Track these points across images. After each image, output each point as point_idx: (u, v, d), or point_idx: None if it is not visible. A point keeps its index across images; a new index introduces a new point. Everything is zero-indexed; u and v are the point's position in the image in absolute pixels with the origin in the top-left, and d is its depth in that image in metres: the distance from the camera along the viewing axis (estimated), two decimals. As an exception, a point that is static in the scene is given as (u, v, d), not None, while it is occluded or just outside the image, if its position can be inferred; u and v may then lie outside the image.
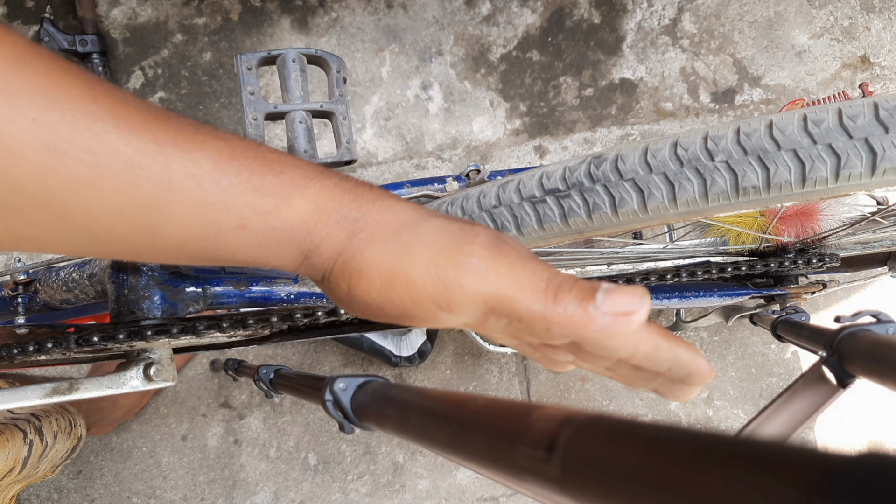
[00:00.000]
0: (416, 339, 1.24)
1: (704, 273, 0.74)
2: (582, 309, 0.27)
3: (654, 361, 0.31)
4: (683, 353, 0.30)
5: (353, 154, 0.62)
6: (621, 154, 0.42)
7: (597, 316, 0.27)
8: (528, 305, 0.27)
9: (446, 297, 0.28)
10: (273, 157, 0.29)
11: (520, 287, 0.27)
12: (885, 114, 0.34)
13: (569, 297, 0.27)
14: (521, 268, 0.28)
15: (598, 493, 0.19)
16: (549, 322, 0.27)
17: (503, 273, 0.27)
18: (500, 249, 0.28)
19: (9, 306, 0.71)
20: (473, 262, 0.27)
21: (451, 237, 0.28)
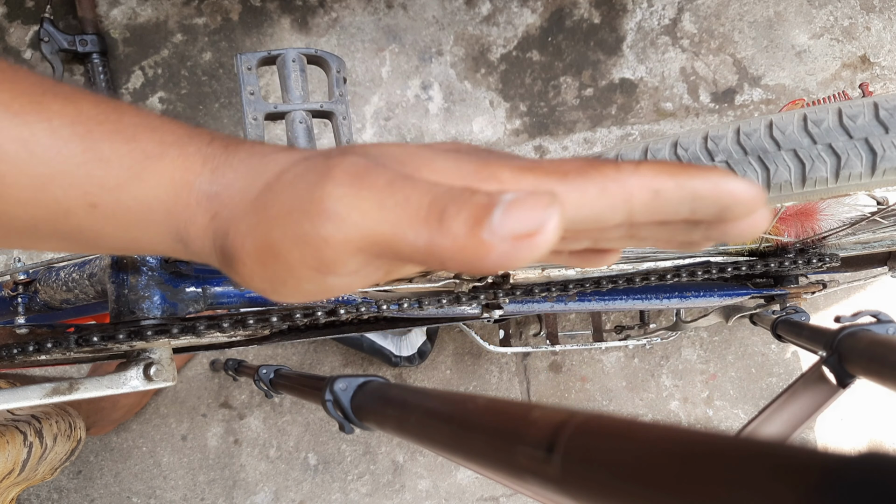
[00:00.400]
0: (416, 339, 1.24)
1: (704, 273, 0.74)
2: (474, 235, 0.20)
3: (663, 210, 0.22)
4: (701, 184, 0.22)
5: (353, 154, 0.62)
6: (621, 154, 0.42)
7: (494, 244, 0.20)
8: (409, 240, 0.21)
9: (316, 257, 0.22)
10: (132, 119, 0.24)
11: (392, 220, 0.21)
12: (885, 114, 0.34)
13: (457, 221, 0.20)
14: (391, 195, 0.21)
15: (598, 493, 0.19)
16: (439, 256, 0.21)
17: (368, 208, 0.21)
18: (361, 178, 0.22)
19: (9, 306, 0.71)
20: (329, 205, 0.22)
21: (304, 184, 0.23)
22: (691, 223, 0.24)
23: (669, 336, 1.18)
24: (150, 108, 1.34)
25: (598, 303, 0.80)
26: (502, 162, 0.23)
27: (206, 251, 0.25)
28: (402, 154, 0.24)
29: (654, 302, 0.83)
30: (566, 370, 1.32)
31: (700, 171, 0.22)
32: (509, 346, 1.18)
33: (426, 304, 0.65)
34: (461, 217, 0.20)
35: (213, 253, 0.25)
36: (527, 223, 0.19)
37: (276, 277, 0.24)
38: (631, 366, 1.33)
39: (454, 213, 0.20)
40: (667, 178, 0.22)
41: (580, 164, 0.22)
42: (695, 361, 1.32)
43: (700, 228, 0.24)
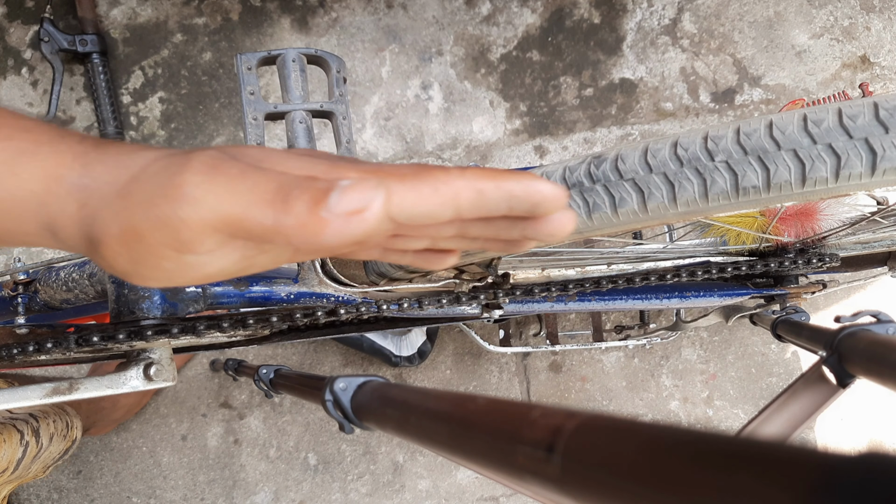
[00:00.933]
0: (416, 338, 1.24)
1: (704, 273, 0.74)
2: (314, 214, 0.23)
3: (486, 207, 0.27)
4: (515, 185, 0.26)
5: (353, 154, 0.62)
6: (621, 154, 0.42)
7: (330, 219, 0.23)
8: (257, 220, 0.24)
9: (174, 237, 0.25)
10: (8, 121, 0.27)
11: (243, 202, 0.24)
12: (885, 114, 0.34)
13: (300, 202, 0.24)
14: (242, 182, 0.25)
15: (598, 492, 0.19)
16: (285, 234, 0.24)
17: (222, 192, 0.25)
18: (217, 168, 0.25)
19: (9, 306, 0.71)
20: (187, 190, 0.25)
21: (165, 173, 0.26)
22: (510, 221, 0.28)
23: (669, 336, 1.18)
24: (150, 107, 1.34)
25: (598, 303, 0.80)
26: (349, 164, 0.27)
27: (74, 239, 0.28)
28: (259, 153, 0.27)
29: (654, 302, 0.83)
30: (566, 370, 1.32)
31: (515, 174, 0.27)
32: (509, 346, 1.18)
33: (426, 304, 0.65)
34: (303, 199, 0.24)
35: (80, 240, 0.28)
36: (357, 202, 0.23)
37: (137, 258, 0.26)
38: (631, 366, 1.33)
39: (297, 196, 0.24)
40: (487, 180, 0.26)
41: (416, 168, 0.26)
42: (695, 361, 1.32)
43: (518, 226, 0.29)
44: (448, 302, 0.66)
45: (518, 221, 0.28)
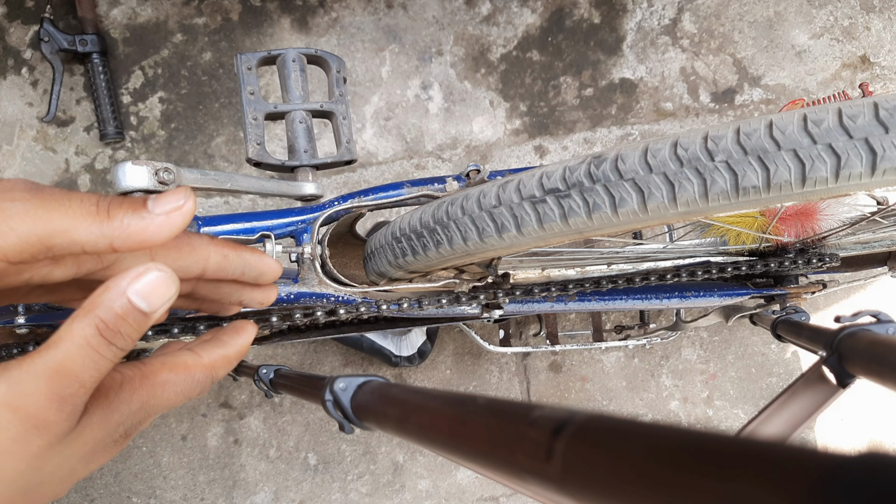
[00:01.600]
0: (416, 338, 1.24)
1: (704, 273, 0.74)
2: (138, 216, 0.28)
3: (227, 270, 0.34)
4: (250, 256, 0.35)
5: (353, 154, 0.62)
6: (621, 154, 0.42)
7: (153, 218, 0.29)
8: (87, 229, 0.28)
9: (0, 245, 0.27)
10: None
11: (72, 215, 0.28)
12: (885, 114, 0.34)
13: (122, 211, 0.28)
14: (69, 199, 0.28)
15: (598, 492, 0.19)
16: (111, 238, 0.28)
17: (52, 207, 0.28)
18: (42, 190, 0.28)
19: (9, 306, 0.71)
20: (18, 204, 0.27)
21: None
22: (235, 284, 0.37)
23: (669, 336, 1.18)
24: (150, 107, 1.34)
25: (598, 303, 0.80)
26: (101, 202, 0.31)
27: None
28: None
29: (654, 302, 0.83)
30: (566, 370, 1.32)
31: (249, 248, 0.36)
32: (509, 346, 1.18)
33: (426, 304, 0.65)
34: (123, 208, 0.29)
35: None
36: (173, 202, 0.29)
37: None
38: (631, 366, 1.33)
39: (117, 206, 0.29)
40: (231, 249, 0.35)
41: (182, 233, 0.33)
42: (695, 361, 1.32)
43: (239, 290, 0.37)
44: (448, 302, 0.66)
45: (239, 287, 0.37)
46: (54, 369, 0.26)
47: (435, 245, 0.52)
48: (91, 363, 0.27)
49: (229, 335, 0.36)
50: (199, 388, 0.34)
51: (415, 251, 0.54)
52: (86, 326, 0.27)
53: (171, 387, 0.32)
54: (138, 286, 0.28)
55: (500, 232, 0.47)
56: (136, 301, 0.28)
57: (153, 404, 0.31)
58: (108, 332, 0.27)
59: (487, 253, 0.51)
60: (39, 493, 0.29)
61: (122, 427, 0.30)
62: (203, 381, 0.34)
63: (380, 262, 0.60)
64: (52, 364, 0.26)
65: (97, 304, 0.28)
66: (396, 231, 0.56)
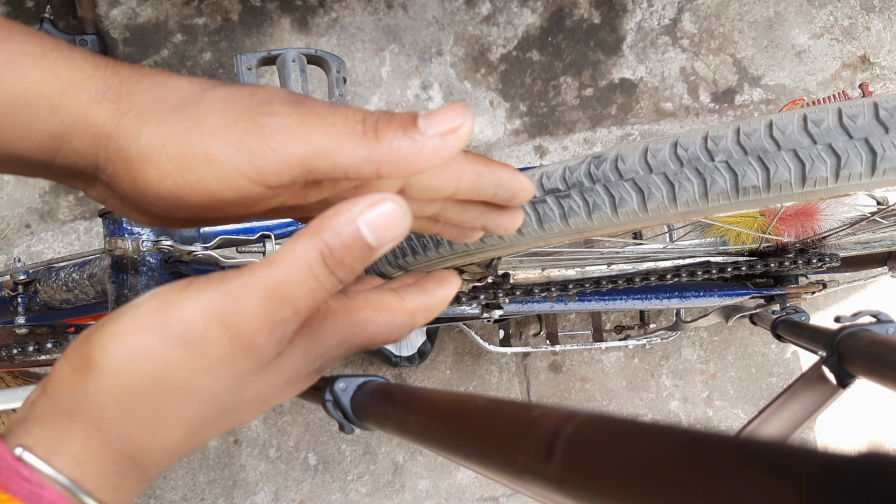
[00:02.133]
0: (416, 339, 1.24)
1: (704, 273, 0.74)
2: (409, 139, 0.24)
3: (479, 190, 0.30)
4: (504, 173, 0.30)
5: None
6: (621, 154, 0.42)
7: (425, 141, 0.24)
8: (352, 152, 0.24)
9: (258, 166, 0.24)
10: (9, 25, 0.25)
11: (337, 135, 0.24)
12: (885, 114, 0.34)
13: (391, 132, 0.24)
14: (332, 115, 0.25)
15: (598, 493, 0.19)
16: (379, 163, 0.24)
17: (314, 125, 0.24)
18: (303, 103, 0.25)
19: (9, 306, 0.71)
20: (278, 119, 0.24)
21: (246, 101, 0.25)
22: (483, 207, 0.32)
23: (669, 336, 1.18)
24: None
25: (598, 303, 0.80)
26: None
27: (89, 153, 0.25)
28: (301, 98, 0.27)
29: (654, 302, 0.83)
30: (566, 370, 1.32)
31: (503, 165, 0.30)
32: (509, 346, 1.18)
33: (426, 304, 0.65)
34: (392, 127, 0.24)
35: (102, 154, 0.25)
36: (450, 122, 0.25)
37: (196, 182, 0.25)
38: (631, 366, 1.33)
39: (385, 125, 0.25)
40: (485, 166, 0.29)
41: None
42: (695, 361, 1.32)
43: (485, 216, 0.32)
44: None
45: (487, 210, 0.32)
46: (273, 289, 0.24)
47: (434, 245, 0.52)
48: (309, 290, 0.25)
49: (434, 283, 0.32)
50: (398, 333, 0.31)
51: (415, 251, 0.54)
52: (310, 249, 0.24)
53: (373, 327, 0.30)
54: (371, 216, 0.25)
55: (500, 232, 0.47)
56: (366, 232, 0.25)
57: (352, 342, 0.29)
58: (331, 259, 0.25)
59: (487, 253, 0.51)
60: (232, 417, 0.28)
61: (319, 361, 0.29)
62: (403, 327, 0.31)
63: (379, 261, 0.60)
64: (272, 283, 0.24)
65: (325, 226, 0.24)
66: (396, 231, 0.56)
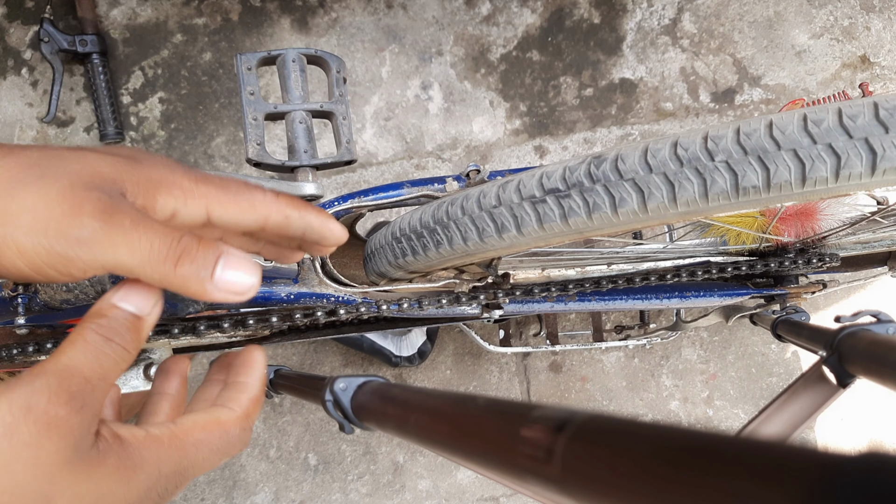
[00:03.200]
0: (416, 339, 1.24)
1: (704, 273, 0.74)
2: (200, 284, 0.28)
3: (287, 230, 0.33)
4: (314, 219, 0.34)
5: (353, 154, 0.62)
6: (621, 154, 0.42)
7: (213, 291, 0.29)
8: (147, 274, 0.28)
9: (64, 265, 0.28)
10: None
11: (138, 257, 0.28)
12: (885, 114, 0.34)
13: (187, 269, 0.28)
14: (137, 239, 0.28)
15: (598, 492, 0.19)
16: (171, 286, 0.29)
17: (119, 243, 0.27)
18: (112, 216, 0.28)
19: (9, 306, 0.71)
20: (85, 234, 0.27)
21: (58, 205, 0.27)
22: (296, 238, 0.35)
23: (669, 336, 1.18)
24: (150, 108, 1.34)
25: (598, 303, 0.80)
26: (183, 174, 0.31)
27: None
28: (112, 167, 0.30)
29: (654, 302, 0.83)
30: (566, 370, 1.32)
31: (315, 210, 0.34)
32: (509, 346, 1.18)
33: (426, 304, 0.65)
34: (191, 267, 0.28)
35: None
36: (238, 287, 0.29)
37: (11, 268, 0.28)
38: (631, 366, 1.33)
39: (187, 262, 0.28)
40: (294, 209, 0.33)
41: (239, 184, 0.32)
42: (695, 361, 1.32)
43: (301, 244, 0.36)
44: (448, 302, 0.66)
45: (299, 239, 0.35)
46: (61, 368, 0.27)
47: (435, 245, 0.52)
48: (93, 359, 0.28)
49: (245, 374, 0.35)
50: (238, 444, 0.33)
51: (415, 251, 0.54)
52: (84, 330, 0.29)
53: (206, 447, 0.31)
54: (124, 295, 0.30)
55: (500, 232, 0.47)
56: (126, 306, 0.30)
57: (187, 467, 0.30)
58: (103, 330, 0.29)
59: (487, 253, 0.51)
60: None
61: (156, 491, 0.29)
62: (241, 436, 0.33)
63: (380, 262, 0.60)
64: (60, 364, 0.28)
65: (92, 312, 0.30)
66: (396, 231, 0.56)
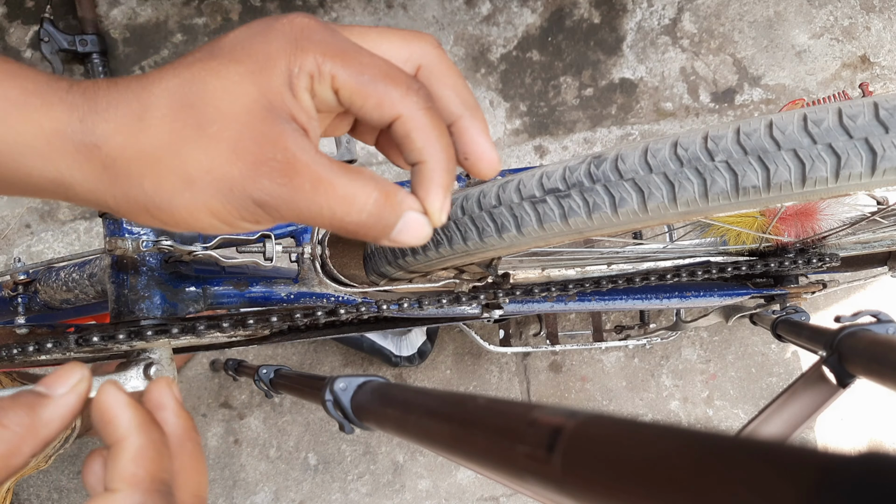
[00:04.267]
0: (416, 339, 1.24)
1: (704, 273, 0.74)
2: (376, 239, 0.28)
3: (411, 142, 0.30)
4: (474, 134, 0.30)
5: (353, 154, 0.62)
6: (621, 154, 0.42)
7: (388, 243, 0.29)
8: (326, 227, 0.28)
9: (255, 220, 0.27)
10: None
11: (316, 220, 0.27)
12: (885, 114, 0.34)
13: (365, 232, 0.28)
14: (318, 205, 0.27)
15: (598, 492, 0.19)
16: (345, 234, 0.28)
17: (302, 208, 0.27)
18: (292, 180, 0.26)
19: (9, 306, 0.71)
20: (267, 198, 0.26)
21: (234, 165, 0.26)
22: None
23: (669, 336, 1.18)
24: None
25: (598, 303, 0.80)
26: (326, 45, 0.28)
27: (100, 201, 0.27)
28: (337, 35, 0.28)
29: (654, 302, 0.83)
30: (566, 370, 1.32)
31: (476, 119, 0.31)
32: (509, 346, 1.18)
33: (426, 304, 0.65)
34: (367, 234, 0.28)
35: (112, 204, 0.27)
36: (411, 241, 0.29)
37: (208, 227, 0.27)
38: (631, 366, 1.33)
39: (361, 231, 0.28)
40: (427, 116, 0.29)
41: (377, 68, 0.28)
42: (695, 361, 1.32)
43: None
44: (448, 302, 0.66)
45: None
46: None
47: (435, 245, 0.52)
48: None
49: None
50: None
51: (414, 251, 0.54)
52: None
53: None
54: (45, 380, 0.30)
55: (500, 232, 0.47)
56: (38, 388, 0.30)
57: None
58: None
59: (487, 253, 0.51)
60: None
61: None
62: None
63: (380, 262, 0.60)
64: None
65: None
66: (396, 231, 0.56)
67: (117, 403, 0.30)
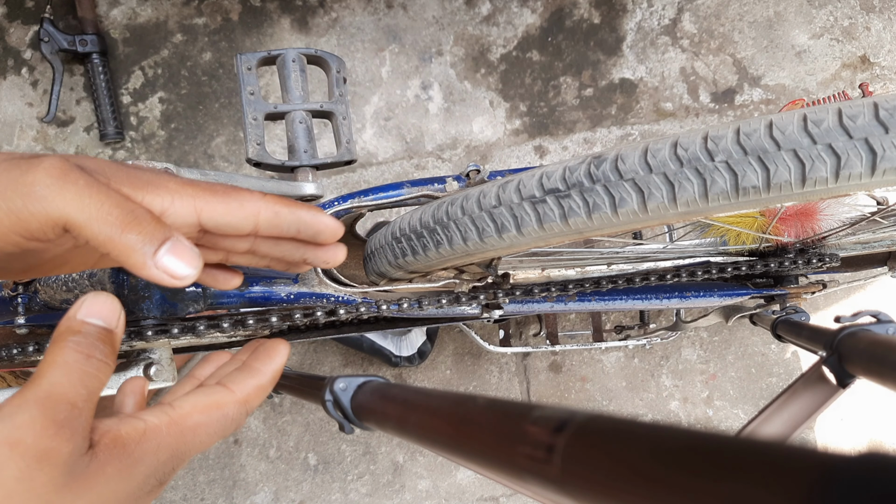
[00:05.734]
0: (416, 339, 1.24)
1: (704, 273, 0.74)
2: (141, 255, 0.28)
3: (280, 227, 0.33)
4: (305, 214, 0.34)
5: (353, 154, 0.62)
6: (621, 154, 0.42)
7: (151, 268, 0.29)
8: (95, 233, 0.28)
9: (23, 226, 0.28)
10: None
11: (86, 214, 0.28)
12: (885, 114, 0.34)
13: (133, 239, 0.28)
14: (89, 196, 0.28)
15: (598, 492, 0.19)
16: (112, 250, 0.28)
17: (70, 198, 0.28)
18: (66, 176, 0.28)
19: (9, 306, 0.71)
20: (38, 189, 0.28)
21: (16, 169, 0.28)
22: (295, 244, 0.35)
23: (669, 336, 1.18)
24: (150, 107, 1.34)
25: (598, 303, 0.80)
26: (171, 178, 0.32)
27: None
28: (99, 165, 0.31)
29: (654, 302, 0.83)
30: (566, 370, 1.32)
31: (305, 206, 0.34)
32: (509, 346, 1.18)
33: (426, 304, 0.65)
34: (140, 236, 0.28)
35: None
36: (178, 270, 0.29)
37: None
38: (631, 366, 1.33)
39: (136, 227, 0.28)
40: (283, 206, 0.33)
41: (228, 187, 0.32)
42: (695, 361, 1.32)
43: (300, 250, 0.36)
44: (448, 302, 0.66)
45: (301, 246, 0.35)
46: (44, 396, 0.26)
47: (435, 245, 0.52)
48: (77, 381, 0.28)
49: (261, 361, 0.35)
50: (233, 426, 0.33)
51: (415, 251, 0.54)
52: (62, 350, 0.28)
53: (204, 429, 0.31)
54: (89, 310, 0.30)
55: (500, 232, 0.47)
56: (95, 321, 0.30)
57: (184, 451, 0.30)
58: (82, 347, 0.29)
59: (487, 253, 0.51)
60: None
61: (154, 478, 0.29)
62: (237, 418, 0.33)
63: (380, 262, 0.60)
64: (41, 391, 0.27)
65: (62, 330, 0.29)
66: (396, 231, 0.56)
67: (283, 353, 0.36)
